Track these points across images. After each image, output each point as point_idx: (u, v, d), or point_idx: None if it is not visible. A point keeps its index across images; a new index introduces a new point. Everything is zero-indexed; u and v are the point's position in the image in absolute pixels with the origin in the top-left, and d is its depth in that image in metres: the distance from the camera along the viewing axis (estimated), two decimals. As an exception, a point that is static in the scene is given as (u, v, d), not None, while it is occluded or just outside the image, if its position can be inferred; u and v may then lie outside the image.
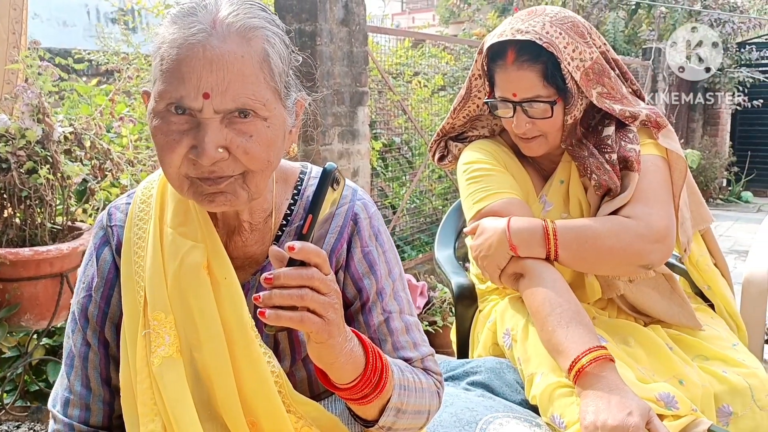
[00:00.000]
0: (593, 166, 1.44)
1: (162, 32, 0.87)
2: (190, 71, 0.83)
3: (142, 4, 4.10)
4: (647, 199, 1.41)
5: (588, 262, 1.42)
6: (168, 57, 0.84)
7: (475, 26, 8.73)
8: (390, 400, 0.93)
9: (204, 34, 0.83)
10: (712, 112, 9.81)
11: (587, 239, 1.39)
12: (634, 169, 1.43)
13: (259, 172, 0.89)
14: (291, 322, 0.77)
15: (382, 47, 4.57)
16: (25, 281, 2.04)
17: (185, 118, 0.85)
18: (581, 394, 1.20)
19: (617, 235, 1.38)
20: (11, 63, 2.28)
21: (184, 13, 0.86)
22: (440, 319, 3.45)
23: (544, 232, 1.39)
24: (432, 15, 15.05)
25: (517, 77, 1.42)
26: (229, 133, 0.85)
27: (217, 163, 0.85)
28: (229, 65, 0.83)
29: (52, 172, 2.06)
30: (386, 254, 1.06)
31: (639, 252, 1.38)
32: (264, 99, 0.86)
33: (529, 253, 1.40)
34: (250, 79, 0.84)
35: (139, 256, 0.98)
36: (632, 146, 1.45)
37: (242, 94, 0.84)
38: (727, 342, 1.47)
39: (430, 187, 4.91)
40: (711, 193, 8.94)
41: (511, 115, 1.47)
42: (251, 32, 0.86)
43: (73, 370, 1.02)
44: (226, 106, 0.84)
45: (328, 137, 3.26)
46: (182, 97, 0.83)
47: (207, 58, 0.82)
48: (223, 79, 0.83)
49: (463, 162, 1.60)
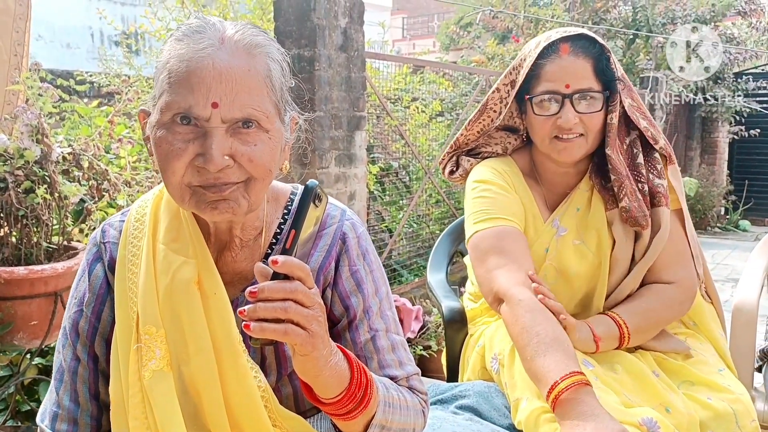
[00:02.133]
0: (628, 190, 1.47)
1: (168, 49, 0.91)
2: (199, 82, 0.87)
3: (145, 28, 4.17)
4: (677, 263, 1.52)
5: (646, 337, 1.51)
6: (177, 70, 0.88)
7: (474, 53, 8.83)
8: (375, 416, 0.94)
9: (213, 48, 0.89)
10: (709, 141, 9.88)
11: (648, 324, 1.49)
12: (662, 204, 1.48)
13: (260, 180, 0.93)
14: (275, 334, 0.79)
15: (382, 73, 4.63)
16: (19, 300, 2.05)
17: (190, 128, 0.89)
18: (560, 423, 1.20)
19: (670, 308, 1.51)
20: (12, 84, 2.32)
21: (192, 30, 0.91)
22: (435, 344, 3.44)
23: (620, 333, 1.46)
24: (432, 42, 15.23)
25: (573, 67, 1.44)
26: (234, 142, 0.90)
27: (222, 170, 0.89)
28: (237, 77, 0.88)
29: (50, 191, 2.08)
30: (373, 273, 1.07)
31: (679, 312, 1.54)
32: (267, 111, 0.92)
33: (606, 349, 1.46)
34: (255, 92, 0.90)
35: (133, 272, 1.00)
36: (660, 181, 1.51)
37: (248, 104, 0.89)
38: (714, 367, 1.48)
39: (427, 212, 4.93)
40: (708, 221, 8.96)
41: (556, 111, 1.46)
42: (256, 49, 0.92)
43: (62, 385, 1.03)
44: (233, 115, 0.88)
45: (325, 161, 3.29)
46: (191, 106, 0.88)
47: (216, 70, 0.88)
48: (231, 90, 0.88)
49: (473, 179, 1.61)
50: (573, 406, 1.18)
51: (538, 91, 1.48)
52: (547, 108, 1.47)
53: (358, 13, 3.42)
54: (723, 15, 8.73)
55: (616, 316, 1.47)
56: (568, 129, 1.46)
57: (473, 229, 1.53)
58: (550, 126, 1.48)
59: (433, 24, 21.81)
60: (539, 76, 1.48)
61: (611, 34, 8.44)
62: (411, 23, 23.93)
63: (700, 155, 9.90)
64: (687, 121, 9.66)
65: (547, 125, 1.48)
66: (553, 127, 1.47)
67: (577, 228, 1.54)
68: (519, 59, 1.54)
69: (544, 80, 1.47)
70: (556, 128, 1.47)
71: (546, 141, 1.50)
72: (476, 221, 1.53)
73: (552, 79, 1.46)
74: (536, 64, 1.48)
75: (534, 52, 1.48)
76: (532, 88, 1.49)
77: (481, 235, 1.51)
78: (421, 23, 23.56)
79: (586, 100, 1.45)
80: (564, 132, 1.46)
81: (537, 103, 1.48)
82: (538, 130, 1.50)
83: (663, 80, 8.11)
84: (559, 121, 1.46)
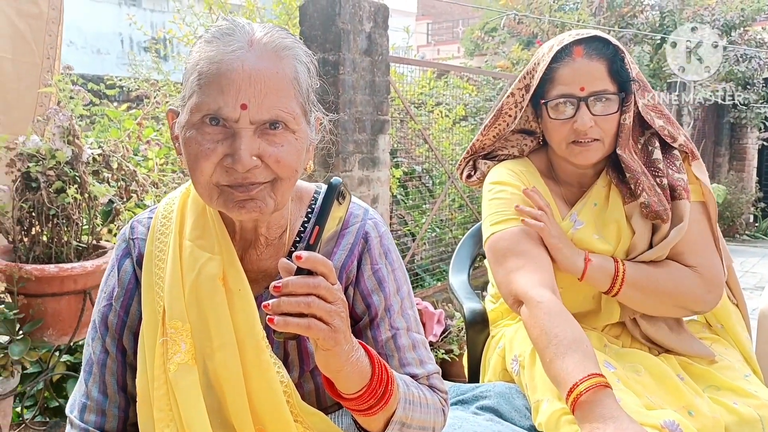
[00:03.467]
0: (645, 186, 1.46)
1: (198, 51, 0.93)
2: (229, 84, 0.89)
3: (173, 34, 4.24)
4: (700, 251, 1.50)
5: (645, 304, 1.49)
6: (207, 72, 0.91)
7: (498, 59, 8.81)
8: (395, 412, 0.95)
9: (242, 51, 0.91)
10: (738, 147, 9.73)
11: (651, 286, 1.46)
12: (684, 198, 1.47)
13: (287, 180, 0.95)
14: (298, 328, 0.81)
15: (406, 77, 4.65)
16: (49, 297, 2.10)
17: (219, 129, 0.91)
18: (580, 425, 1.20)
19: (679, 284, 1.47)
20: (45, 86, 2.38)
21: (221, 33, 0.93)
22: (456, 348, 3.44)
23: (615, 271, 1.45)
24: (457, 47, 15.22)
25: (587, 69, 1.44)
26: (262, 143, 0.91)
27: (250, 170, 0.91)
28: (266, 79, 0.90)
29: (80, 192, 2.13)
30: (395, 272, 1.09)
31: (694, 299, 1.48)
32: (294, 113, 0.93)
33: (594, 283, 1.47)
34: (283, 93, 0.92)
35: (160, 267, 1.02)
36: (679, 175, 1.50)
37: (276, 106, 0.91)
38: (740, 372, 1.46)
39: (450, 216, 4.93)
40: (737, 228, 8.81)
41: (572, 115, 1.46)
42: (284, 51, 0.94)
43: (91, 377, 1.05)
44: (262, 116, 0.90)
45: (348, 164, 3.31)
46: (220, 107, 0.90)
47: (246, 72, 0.89)
48: (260, 92, 0.90)
49: (490, 181, 1.62)
50: (592, 408, 1.17)
51: (553, 95, 1.48)
52: (562, 112, 1.47)
53: (383, 18, 3.45)
54: (753, 20, 8.60)
55: (618, 260, 1.47)
56: (584, 132, 1.45)
57: (490, 231, 1.54)
58: (566, 130, 1.47)
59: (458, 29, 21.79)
60: (553, 79, 1.48)
61: (638, 38, 8.36)
62: (435, 29, 23.95)
63: (728, 162, 9.75)
64: (715, 127, 9.53)
65: (564, 129, 1.48)
66: (570, 132, 1.47)
67: (594, 222, 1.54)
68: (533, 63, 1.54)
69: (559, 84, 1.47)
70: (573, 132, 1.46)
71: (563, 145, 1.50)
72: (493, 223, 1.54)
73: (566, 83, 1.46)
74: (550, 68, 1.48)
75: (547, 55, 1.48)
76: (547, 92, 1.49)
77: (498, 236, 1.51)
78: (445, 29, 23.56)
79: (602, 102, 1.45)
80: (580, 136, 1.46)
81: (552, 107, 1.48)
82: (555, 134, 1.50)
83: (691, 85, 8.02)
84: (575, 125, 1.45)
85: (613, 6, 8.48)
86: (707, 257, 1.49)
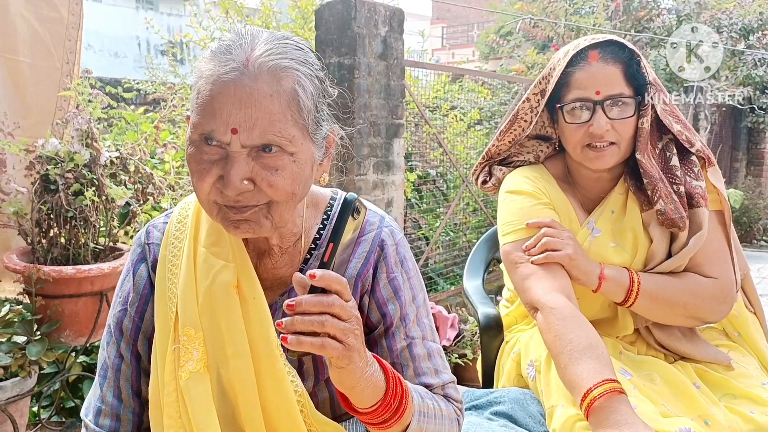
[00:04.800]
0: (662, 193, 1.45)
1: (201, 66, 0.92)
2: (220, 107, 0.88)
3: (190, 37, 4.27)
4: (715, 262, 1.48)
5: (657, 314, 1.48)
6: (203, 91, 0.89)
7: (513, 62, 8.78)
8: (410, 425, 0.94)
9: (236, 72, 0.87)
10: (756, 152, 9.63)
11: (665, 296, 1.45)
12: (702, 206, 1.46)
13: (284, 203, 0.93)
14: (312, 347, 0.80)
15: (421, 81, 4.65)
16: (66, 298, 2.12)
17: (216, 149, 0.90)
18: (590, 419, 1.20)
19: (695, 295, 1.45)
20: (64, 90, 2.41)
21: (221, 50, 0.91)
22: (470, 352, 3.43)
23: (630, 281, 1.45)
24: (472, 51, 15.21)
25: (603, 73, 1.44)
26: (255, 165, 0.89)
27: (242, 194, 0.90)
28: (257, 103, 0.87)
29: (98, 194, 2.15)
30: (411, 281, 1.08)
31: (708, 311, 1.47)
32: (290, 136, 0.89)
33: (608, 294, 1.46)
34: (277, 117, 0.88)
35: (173, 273, 1.03)
36: (697, 183, 1.49)
37: (268, 131, 0.88)
38: (757, 380, 1.44)
39: (464, 220, 4.92)
40: (754, 234, 8.71)
41: (588, 119, 1.45)
42: (282, 72, 0.89)
43: (106, 381, 1.06)
44: (253, 141, 0.88)
45: (363, 168, 3.31)
46: (212, 130, 0.88)
47: (237, 96, 0.87)
48: (250, 117, 0.87)
49: (506, 189, 1.61)
50: (607, 414, 1.16)
51: (569, 99, 1.47)
52: (578, 116, 1.47)
53: (398, 22, 3.45)
54: (771, 23, 8.51)
55: (633, 272, 1.47)
56: (600, 136, 1.45)
57: (504, 240, 1.55)
58: (582, 134, 1.47)
59: (473, 33, 21.77)
60: (569, 84, 1.47)
61: (655, 42, 8.31)
62: (450, 32, 23.93)
63: (746, 167, 9.65)
64: (733, 132, 9.43)
65: (579, 133, 1.47)
66: (585, 135, 1.47)
67: (612, 230, 1.53)
68: (548, 68, 1.54)
69: (575, 88, 1.46)
70: (588, 136, 1.46)
71: (578, 149, 1.50)
72: (506, 233, 1.54)
73: (582, 87, 1.45)
74: (566, 72, 1.47)
75: (563, 60, 1.48)
76: (563, 97, 1.49)
77: (513, 245, 1.51)
78: (460, 32, 23.54)
79: (618, 106, 1.44)
80: (596, 139, 1.46)
81: (568, 111, 1.48)
82: (571, 138, 1.50)
83: (707, 89, 7.95)
84: (591, 129, 1.45)
85: (629, 10, 8.44)
86: (725, 268, 1.49)
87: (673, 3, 8.65)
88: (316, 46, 3.28)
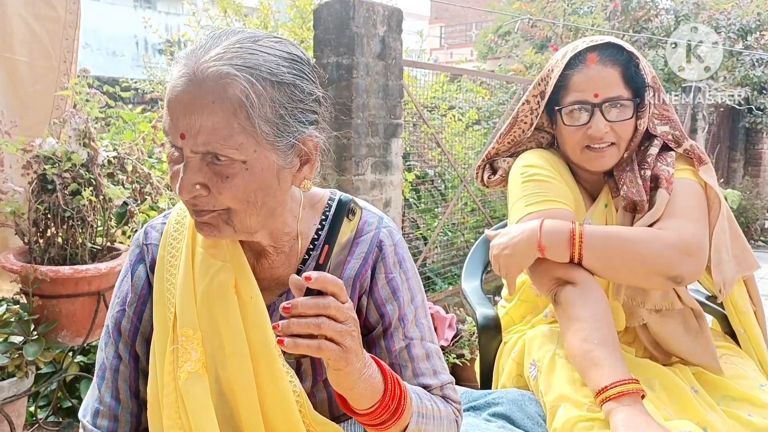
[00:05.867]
0: (627, 180, 1.45)
1: (171, 69, 0.93)
2: (172, 113, 0.88)
3: (188, 36, 4.26)
4: (681, 215, 1.40)
5: (615, 268, 1.39)
6: (166, 97, 0.90)
7: (512, 62, 8.78)
8: (408, 426, 0.94)
9: (185, 78, 0.87)
10: (753, 153, 9.64)
11: (614, 244, 1.38)
12: (663, 187, 1.44)
13: (242, 211, 0.91)
14: (309, 350, 0.80)
15: (419, 81, 4.64)
16: (63, 298, 2.11)
17: (179, 152, 0.91)
18: (612, 410, 1.21)
19: (647, 243, 1.36)
20: (61, 90, 2.40)
21: (186, 54, 0.91)
22: (468, 352, 3.43)
23: (571, 234, 1.38)
24: (470, 50, 15.21)
25: (601, 76, 1.44)
26: (208, 171, 0.89)
27: (197, 198, 0.90)
28: (199, 110, 0.86)
29: (95, 194, 2.14)
30: (409, 281, 1.08)
31: (669, 262, 1.35)
32: (236, 144, 0.87)
33: (554, 255, 1.40)
34: (220, 124, 0.86)
35: (172, 274, 1.03)
36: (666, 167, 1.47)
37: (211, 139, 0.86)
38: (755, 382, 1.44)
39: (462, 220, 4.92)
40: (752, 234, 8.71)
41: (586, 121, 1.45)
42: (225, 78, 0.86)
43: (104, 382, 1.06)
44: (198, 148, 0.88)
45: (361, 167, 3.31)
46: (168, 134, 0.90)
47: (183, 102, 0.87)
48: (194, 123, 0.86)
49: (522, 165, 1.57)
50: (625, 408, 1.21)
51: (567, 102, 1.47)
52: (577, 118, 1.47)
53: (397, 22, 3.44)
54: (769, 24, 8.52)
55: (575, 225, 1.40)
56: (599, 138, 1.45)
57: (525, 212, 1.48)
58: (580, 136, 1.47)
59: (471, 33, 21.78)
60: (567, 86, 1.48)
61: (653, 42, 8.31)
62: (449, 32, 23.94)
63: (743, 167, 9.66)
64: (731, 132, 9.44)
65: (578, 135, 1.48)
66: (584, 137, 1.47)
67: (606, 224, 1.52)
68: (547, 70, 1.54)
69: (573, 91, 1.47)
70: (587, 138, 1.46)
71: (577, 150, 1.50)
72: (529, 203, 1.49)
73: (580, 90, 1.45)
74: (564, 75, 1.47)
75: (561, 62, 1.48)
76: (561, 99, 1.49)
77: (535, 217, 1.45)
78: (458, 32, 23.55)
79: (617, 108, 1.45)
80: (595, 141, 1.46)
81: (567, 113, 1.48)
82: (569, 139, 1.50)
83: (705, 89, 7.96)
84: (589, 131, 1.45)
85: (628, 10, 8.44)
86: (687, 222, 1.39)
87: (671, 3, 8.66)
88: (314, 46, 3.28)
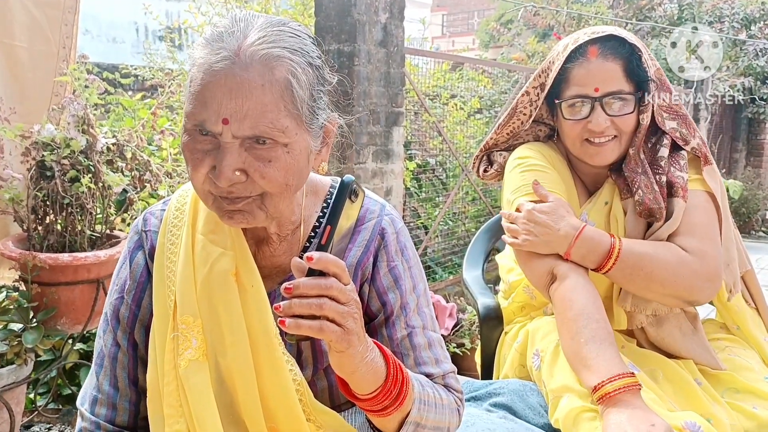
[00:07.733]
0: (642, 184, 1.43)
1: (194, 54, 0.90)
2: (212, 97, 0.86)
3: (189, 23, 4.23)
4: (701, 235, 1.40)
5: (635, 284, 1.40)
6: (195, 80, 0.88)
7: (514, 51, 8.74)
8: (410, 413, 0.93)
9: (227, 61, 0.85)
10: (755, 143, 9.63)
11: (644, 265, 1.38)
12: (679, 195, 1.42)
13: (278, 195, 0.91)
14: (310, 330, 0.79)
15: (421, 69, 4.61)
16: (62, 286, 2.11)
17: (209, 139, 0.88)
18: (604, 411, 1.19)
19: (673, 268, 1.37)
20: (60, 76, 2.38)
21: (214, 37, 0.89)
22: (468, 342, 3.43)
23: (610, 248, 1.38)
24: (472, 39, 15.13)
25: (601, 70, 1.41)
26: (248, 157, 0.88)
27: (234, 185, 0.88)
28: (248, 94, 0.85)
29: (94, 181, 2.13)
30: (411, 270, 1.07)
31: (690, 288, 1.38)
32: (283, 126, 0.87)
33: (581, 259, 1.40)
34: (269, 107, 0.86)
35: (172, 261, 1.01)
36: (680, 173, 1.45)
37: (260, 122, 0.86)
38: (759, 374, 1.43)
39: (463, 209, 4.91)
40: (753, 225, 8.71)
41: (586, 115, 1.44)
42: (274, 61, 0.87)
43: (102, 370, 1.05)
44: (244, 132, 0.86)
45: (362, 156, 3.29)
46: (204, 120, 0.87)
47: (227, 86, 0.85)
48: (241, 107, 0.85)
49: (517, 156, 1.57)
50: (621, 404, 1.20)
51: (568, 95, 1.45)
52: (577, 112, 1.45)
53: (399, 9, 3.42)
54: (773, 14, 8.47)
55: (615, 237, 1.40)
56: (599, 132, 1.43)
57: (521, 202, 1.48)
58: (580, 129, 1.46)
59: (473, 21, 21.68)
60: (568, 80, 1.45)
61: (656, 32, 8.27)
62: (451, 20, 23.82)
63: (745, 157, 9.65)
64: (733, 123, 9.42)
65: (578, 128, 1.46)
66: (584, 131, 1.45)
67: (604, 221, 1.51)
68: (548, 62, 1.52)
69: (573, 84, 1.44)
70: (587, 131, 1.45)
71: (577, 144, 1.48)
72: (526, 193, 1.49)
73: (581, 83, 1.43)
74: (564, 68, 1.45)
75: (562, 55, 1.46)
76: (562, 92, 1.47)
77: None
78: (461, 20, 23.44)
79: (618, 102, 1.42)
80: (595, 135, 1.44)
81: (567, 107, 1.46)
82: (570, 132, 1.48)
83: (708, 80, 7.92)
84: (589, 125, 1.43)
85: (631, -1, 8.39)
86: (707, 244, 1.40)
87: (675, -8, 8.60)
88: (315, 33, 3.25)
